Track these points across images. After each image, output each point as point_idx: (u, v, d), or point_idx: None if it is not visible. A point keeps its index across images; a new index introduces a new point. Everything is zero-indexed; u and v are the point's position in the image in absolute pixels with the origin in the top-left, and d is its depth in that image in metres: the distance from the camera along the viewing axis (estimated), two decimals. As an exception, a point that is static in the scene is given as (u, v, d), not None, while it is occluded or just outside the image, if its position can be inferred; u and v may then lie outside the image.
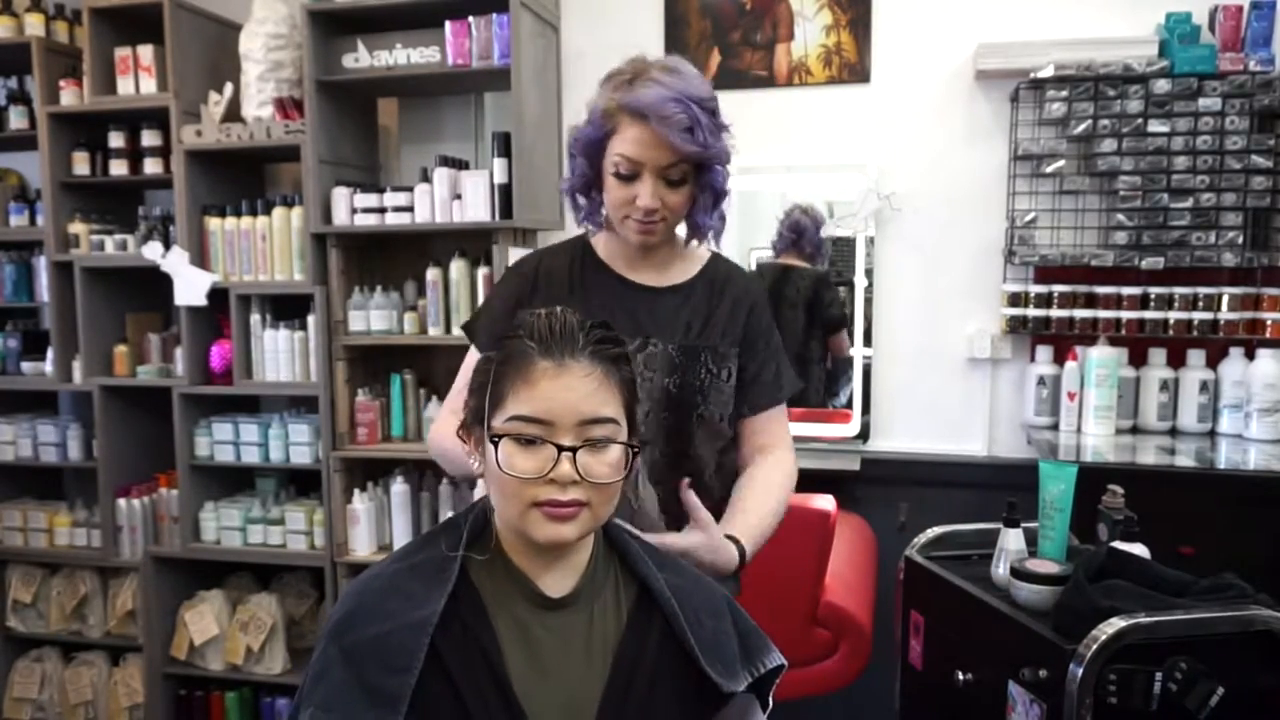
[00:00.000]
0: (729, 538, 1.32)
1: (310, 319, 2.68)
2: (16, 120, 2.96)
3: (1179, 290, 2.42)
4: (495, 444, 0.94)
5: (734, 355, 1.44)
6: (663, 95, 1.27)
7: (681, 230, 1.46)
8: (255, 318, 2.73)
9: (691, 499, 1.30)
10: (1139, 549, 1.49)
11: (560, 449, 0.93)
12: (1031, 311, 2.53)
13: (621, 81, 1.32)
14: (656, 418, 1.39)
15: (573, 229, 2.78)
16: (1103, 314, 2.47)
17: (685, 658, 1.00)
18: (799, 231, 2.77)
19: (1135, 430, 2.49)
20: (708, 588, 1.09)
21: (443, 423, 1.43)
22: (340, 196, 2.63)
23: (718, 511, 1.39)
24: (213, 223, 2.75)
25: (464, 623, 0.96)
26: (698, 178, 1.35)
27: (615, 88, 1.32)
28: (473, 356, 1.46)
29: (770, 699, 1.08)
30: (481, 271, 2.58)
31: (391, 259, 2.83)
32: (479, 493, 1.12)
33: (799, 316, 2.80)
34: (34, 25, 2.84)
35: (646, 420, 1.36)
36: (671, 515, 1.37)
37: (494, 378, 0.97)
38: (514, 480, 0.93)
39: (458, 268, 2.60)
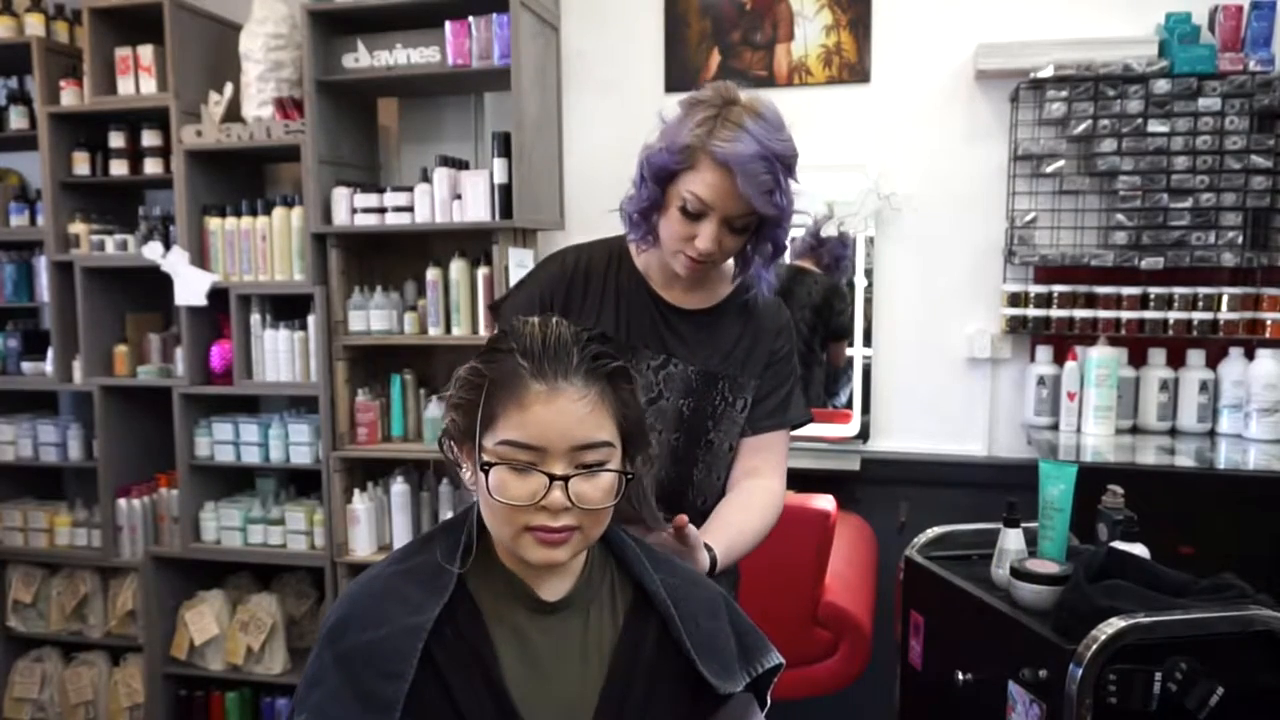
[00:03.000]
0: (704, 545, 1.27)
1: (310, 319, 2.68)
2: (16, 120, 2.96)
3: (1179, 290, 2.42)
4: (486, 471, 0.93)
5: (751, 386, 1.43)
6: (753, 151, 1.25)
7: None
8: (255, 318, 2.73)
9: (692, 533, 1.21)
10: (1139, 549, 1.49)
11: (552, 478, 0.91)
12: (1031, 311, 2.53)
13: (707, 117, 1.28)
14: (666, 439, 1.39)
15: (573, 230, 2.80)
16: (1103, 314, 2.47)
17: (682, 659, 1.00)
18: (820, 240, 2.77)
19: (1135, 430, 2.49)
20: (705, 587, 1.09)
21: None
22: (340, 196, 2.63)
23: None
24: (213, 223, 2.75)
25: (459, 628, 0.96)
26: (760, 230, 1.35)
27: (700, 123, 1.28)
28: None
29: (768, 698, 1.08)
30: (481, 271, 2.59)
31: (391, 259, 2.83)
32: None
33: (808, 319, 2.81)
34: (34, 25, 2.84)
35: (659, 438, 1.36)
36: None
37: (485, 396, 0.94)
38: (506, 506, 0.92)
39: (458, 268, 2.60)
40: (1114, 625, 1.28)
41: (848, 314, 2.80)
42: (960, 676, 1.52)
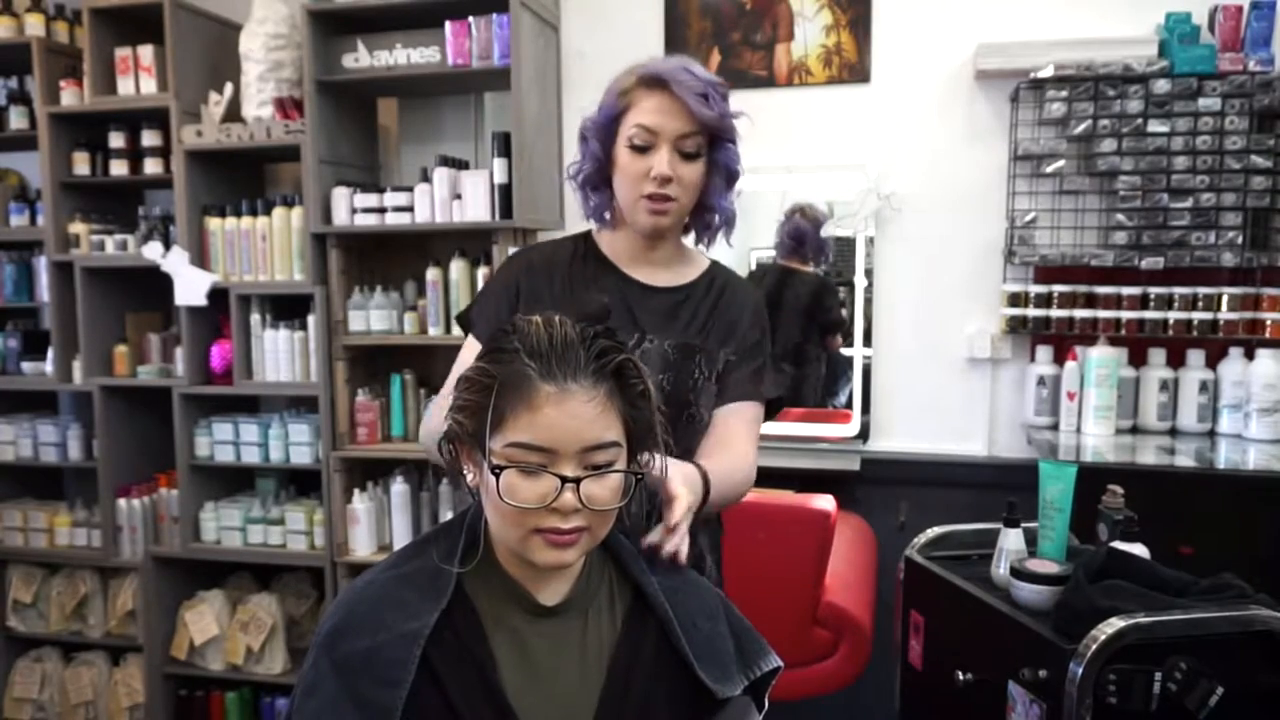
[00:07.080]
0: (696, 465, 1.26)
1: (310, 319, 2.68)
2: (16, 120, 2.95)
3: (1179, 290, 2.42)
4: (497, 474, 0.91)
5: (722, 359, 1.43)
6: (678, 65, 1.34)
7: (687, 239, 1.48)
8: (255, 318, 2.73)
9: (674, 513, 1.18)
10: (1139, 549, 1.49)
11: (564, 480, 0.90)
12: (1031, 311, 2.53)
13: (632, 69, 1.37)
14: None
15: (572, 229, 2.79)
16: (1103, 314, 2.47)
17: (680, 662, 0.99)
18: (799, 238, 2.78)
19: (1135, 430, 2.49)
20: (703, 589, 1.08)
21: (435, 418, 1.39)
22: (340, 196, 2.63)
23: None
24: (213, 223, 2.75)
25: (457, 633, 0.95)
26: (710, 154, 1.38)
27: (628, 74, 1.37)
28: (470, 346, 1.42)
29: (766, 700, 1.08)
30: (481, 271, 2.59)
31: (391, 259, 2.83)
32: None
33: (799, 320, 2.81)
34: (34, 25, 2.84)
35: None
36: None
37: (494, 398, 0.92)
38: (515, 509, 0.91)
39: (458, 268, 2.60)
40: (1114, 625, 1.28)
41: (837, 310, 2.80)
42: (960, 676, 1.52)
